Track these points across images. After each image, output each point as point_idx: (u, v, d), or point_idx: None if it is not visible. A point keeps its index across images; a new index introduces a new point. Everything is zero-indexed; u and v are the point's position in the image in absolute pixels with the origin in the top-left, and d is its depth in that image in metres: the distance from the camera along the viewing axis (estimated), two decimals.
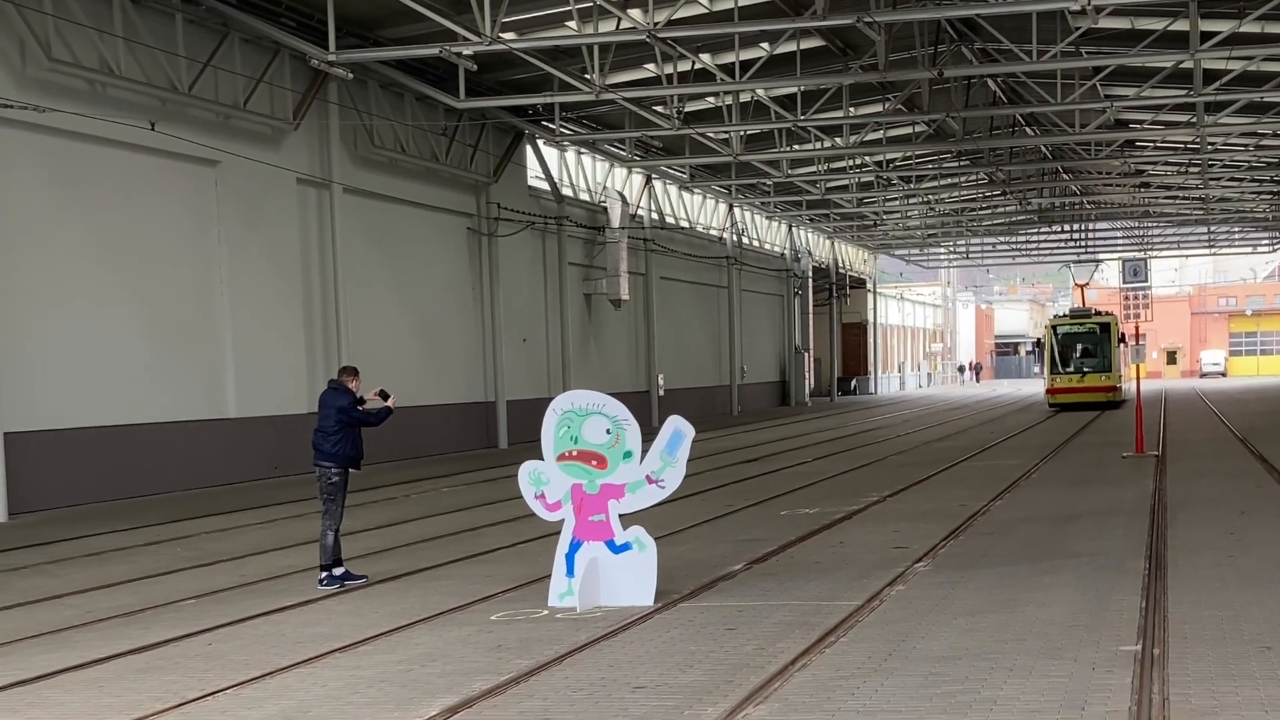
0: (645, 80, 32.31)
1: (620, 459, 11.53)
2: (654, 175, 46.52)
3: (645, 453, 11.57)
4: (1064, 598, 11.23)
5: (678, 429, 11.57)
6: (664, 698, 8.34)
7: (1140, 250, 74.24)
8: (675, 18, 24.91)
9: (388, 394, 13.76)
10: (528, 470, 11.78)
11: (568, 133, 36.69)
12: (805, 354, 65.39)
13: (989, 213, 62.94)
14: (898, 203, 57.90)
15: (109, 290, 23.19)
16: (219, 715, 8.42)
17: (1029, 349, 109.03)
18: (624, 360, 44.84)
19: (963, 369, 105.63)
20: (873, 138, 41.82)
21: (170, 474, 24.11)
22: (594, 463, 11.55)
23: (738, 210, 56.50)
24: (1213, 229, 72.39)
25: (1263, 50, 29.23)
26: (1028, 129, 43.89)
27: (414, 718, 8.08)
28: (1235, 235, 77.03)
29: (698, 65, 28.96)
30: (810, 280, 66.75)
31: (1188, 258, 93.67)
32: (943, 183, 53.25)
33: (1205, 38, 26.78)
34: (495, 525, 18.03)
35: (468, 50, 24.57)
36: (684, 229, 50.67)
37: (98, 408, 22.79)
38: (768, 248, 62.32)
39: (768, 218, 61.66)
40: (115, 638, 11.04)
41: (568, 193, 40.53)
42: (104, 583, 14.21)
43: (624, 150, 41.67)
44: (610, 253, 41.67)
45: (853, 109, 36.30)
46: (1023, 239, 75.25)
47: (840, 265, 73.98)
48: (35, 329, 21.60)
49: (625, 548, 11.59)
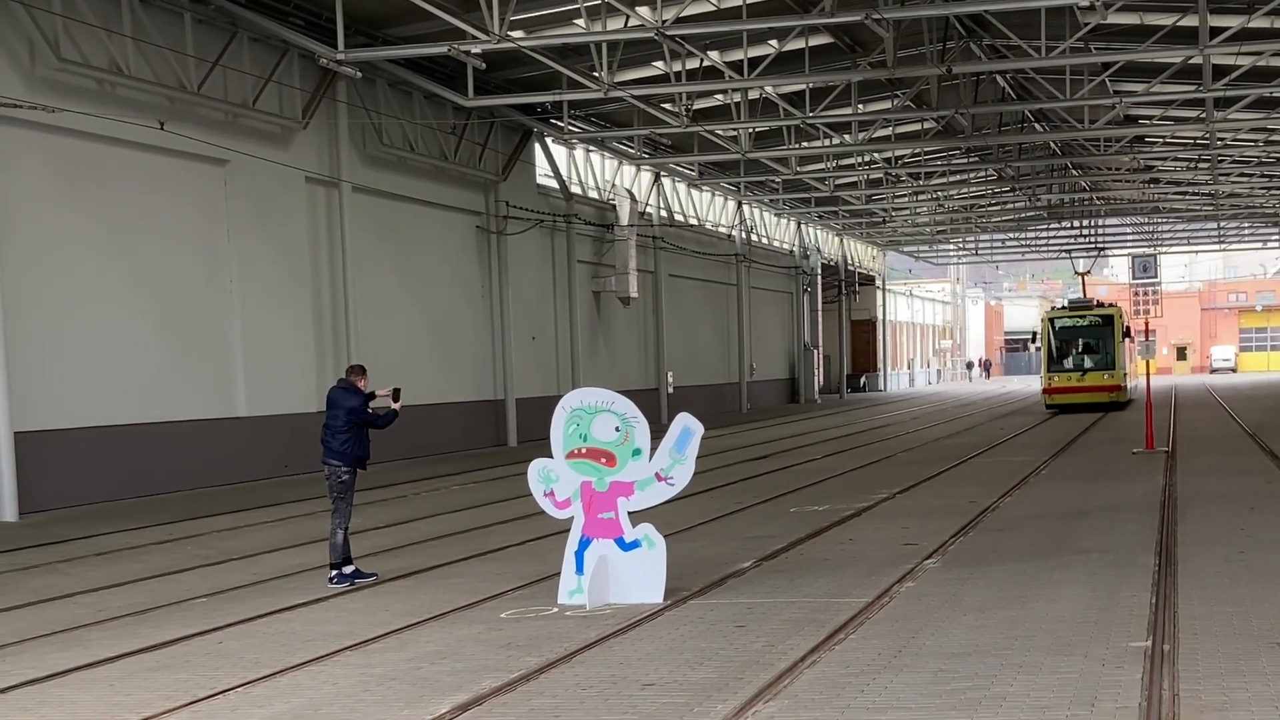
0: (654, 78, 32.30)
1: (629, 456, 11.54)
2: (662, 173, 46.50)
3: (654, 450, 11.58)
4: (1074, 594, 11.22)
5: (687, 426, 11.58)
6: (673, 695, 8.35)
7: (1150, 246, 74.12)
8: (683, 15, 24.91)
9: (399, 393, 13.81)
10: (537, 468, 11.80)
11: (576, 130, 36.70)
12: (814, 351, 65.37)
13: (998, 209, 62.86)
14: (907, 199, 57.82)
15: (119, 289, 23.23)
16: (230, 713, 8.44)
17: (1036, 345, 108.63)
18: (633, 358, 44.84)
19: (970, 365, 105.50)
20: (881, 134, 41.78)
21: (181, 472, 24.15)
22: (603, 460, 11.57)
23: (746, 207, 56.48)
24: (1222, 224, 72.21)
25: (1272, 45, 29.15)
26: (1037, 125, 43.83)
27: (424, 715, 8.10)
28: (1245, 231, 76.81)
29: (706, 63, 28.96)
30: (819, 277, 66.72)
31: (1198, 253, 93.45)
32: (952, 179, 53.17)
33: (1214, 33, 26.73)
34: (505, 523, 18.05)
35: (476, 49, 24.58)
36: (693, 226, 50.66)
37: (108, 407, 22.84)
38: (776, 245, 62.28)
39: (776, 215, 61.63)
40: (126, 636, 11.07)
41: (576, 190, 40.53)
42: (115, 581, 14.25)
43: (632, 148, 41.66)
44: (619, 250, 41.67)
45: (861, 106, 36.28)
46: (1032, 235, 75.14)
47: (849, 262, 73.94)
48: (46, 328, 21.64)
49: (634, 545, 11.61)
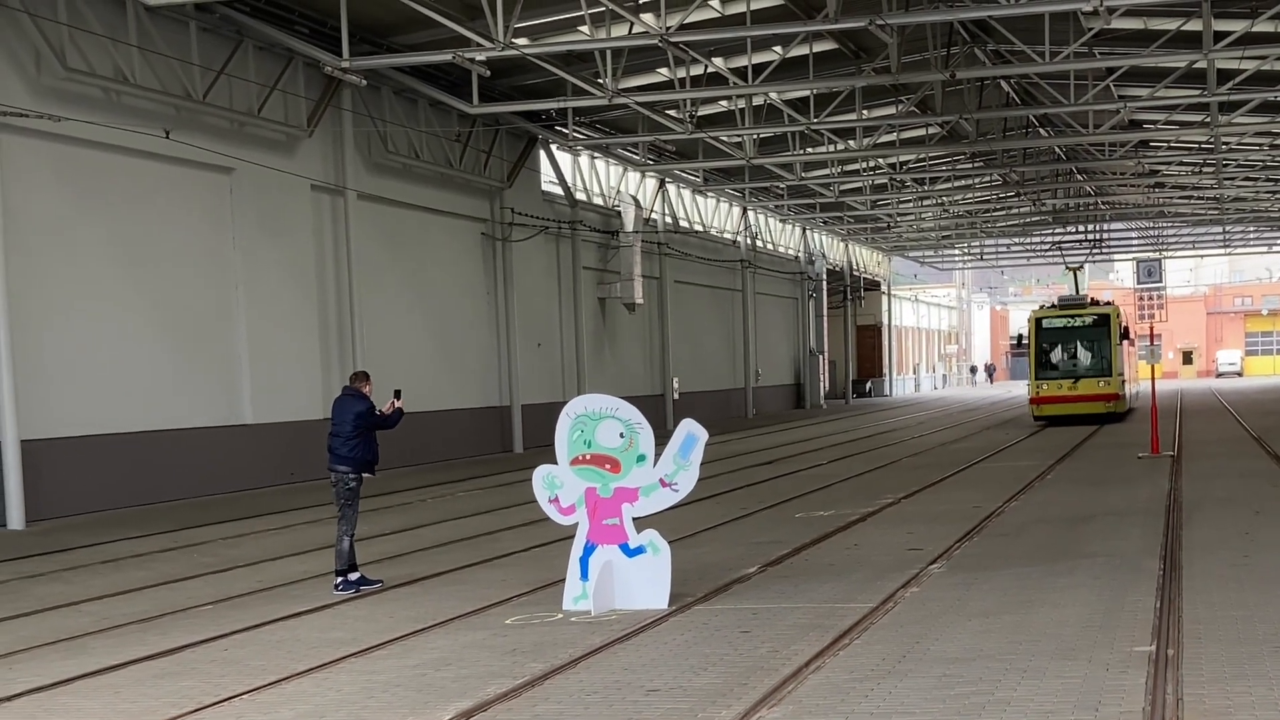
0: (658, 84, 32.34)
1: (634, 462, 11.56)
2: (667, 179, 46.53)
3: (659, 456, 11.60)
4: (1079, 598, 11.23)
5: (691, 432, 11.60)
6: (678, 701, 8.36)
7: (1155, 251, 74.04)
8: (687, 22, 24.93)
9: (400, 393, 13.88)
10: (541, 474, 11.83)
11: (581, 137, 36.74)
12: (820, 356, 65.34)
13: (1003, 214, 62.83)
14: (911, 205, 57.82)
15: (125, 297, 23.27)
16: None
17: (1021, 348, 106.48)
18: (639, 364, 44.85)
19: (974, 370, 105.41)
20: (886, 140, 41.79)
21: (187, 480, 24.17)
22: (607, 466, 11.59)
23: (751, 213, 56.50)
24: (1228, 229, 72.13)
25: (1276, 50, 29.16)
26: (1041, 130, 43.82)
27: None
28: (1250, 235, 76.73)
29: (710, 69, 28.98)
30: (824, 283, 66.69)
31: (1203, 258, 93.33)
32: (956, 184, 53.15)
33: (1219, 37, 26.72)
34: (510, 529, 18.07)
35: (481, 56, 24.62)
36: (698, 232, 50.67)
37: (114, 414, 22.86)
38: (782, 251, 62.29)
39: (781, 220, 61.65)
40: (132, 644, 11.10)
41: (581, 197, 40.57)
42: (121, 589, 14.28)
43: (637, 154, 41.69)
44: (624, 257, 41.70)
45: (866, 111, 36.27)
46: (1037, 240, 75.09)
47: (854, 267, 73.91)
48: (52, 336, 21.68)
49: (639, 551, 11.62)
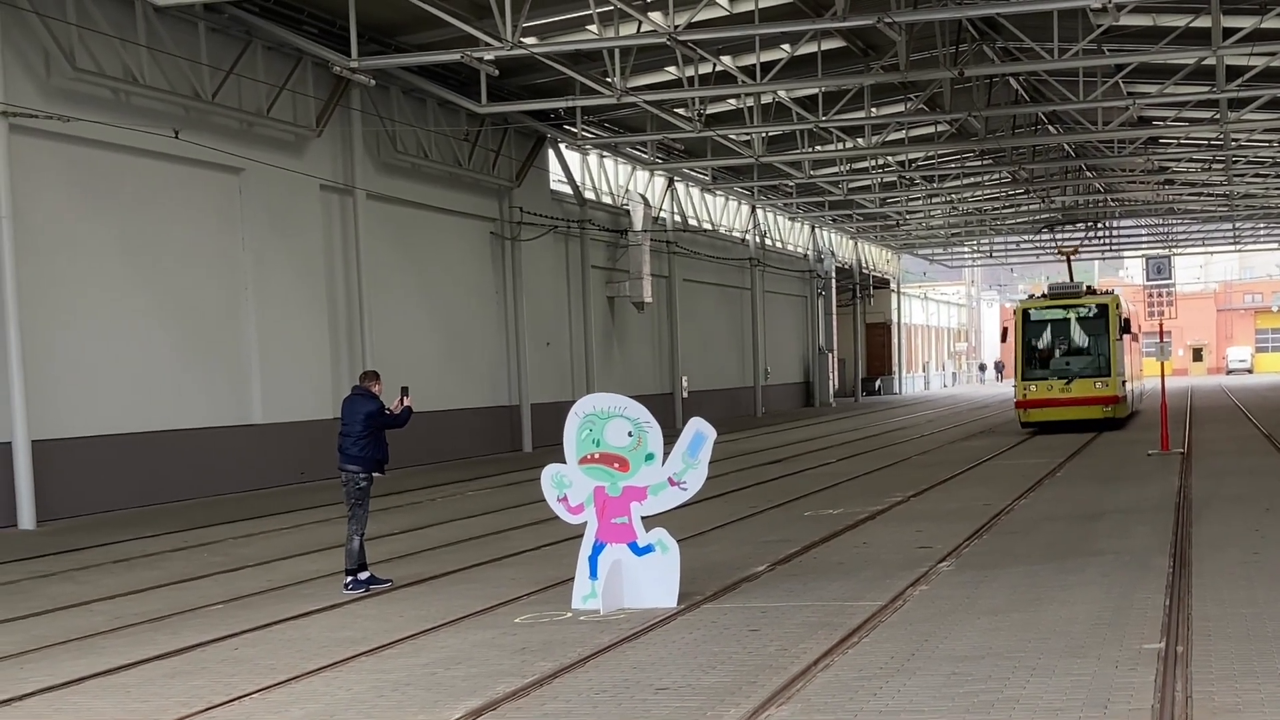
0: (666, 83, 32.34)
1: (642, 461, 11.57)
2: (676, 177, 46.53)
3: (667, 455, 11.61)
4: (1088, 596, 11.22)
5: (699, 431, 11.61)
6: (687, 699, 8.37)
7: (1165, 247, 73.90)
8: (696, 20, 24.93)
9: (407, 390, 13.90)
10: (550, 473, 11.85)
11: (589, 136, 36.75)
12: (829, 355, 65.31)
13: (1012, 211, 62.76)
14: (920, 202, 57.76)
15: (135, 298, 23.33)
16: None
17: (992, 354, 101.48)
18: (648, 363, 44.86)
19: (983, 367, 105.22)
20: (895, 138, 41.75)
21: (197, 480, 24.23)
22: (616, 465, 11.60)
23: (760, 211, 56.49)
24: (1238, 225, 72.02)
25: None
26: (1050, 127, 43.78)
27: None
28: (1261, 231, 76.55)
29: (719, 67, 28.97)
30: (834, 281, 66.66)
31: (1213, 254, 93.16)
32: (965, 182, 53.11)
33: (1227, 34, 26.69)
34: (519, 528, 18.10)
35: (489, 55, 24.65)
36: (706, 231, 50.68)
37: (125, 415, 22.93)
38: (791, 249, 62.27)
39: (790, 219, 61.62)
40: (143, 643, 11.13)
41: (590, 196, 40.58)
42: (132, 589, 14.32)
43: (646, 153, 41.70)
44: (633, 255, 41.70)
45: (874, 109, 36.25)
46: (1046, 237, 74.94)
47: (864, 265, 73.87)
48: (62, 337, 21.74)
49: (648, 550, 11.64)
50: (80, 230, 22.20)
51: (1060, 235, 62.98)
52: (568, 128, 35.78)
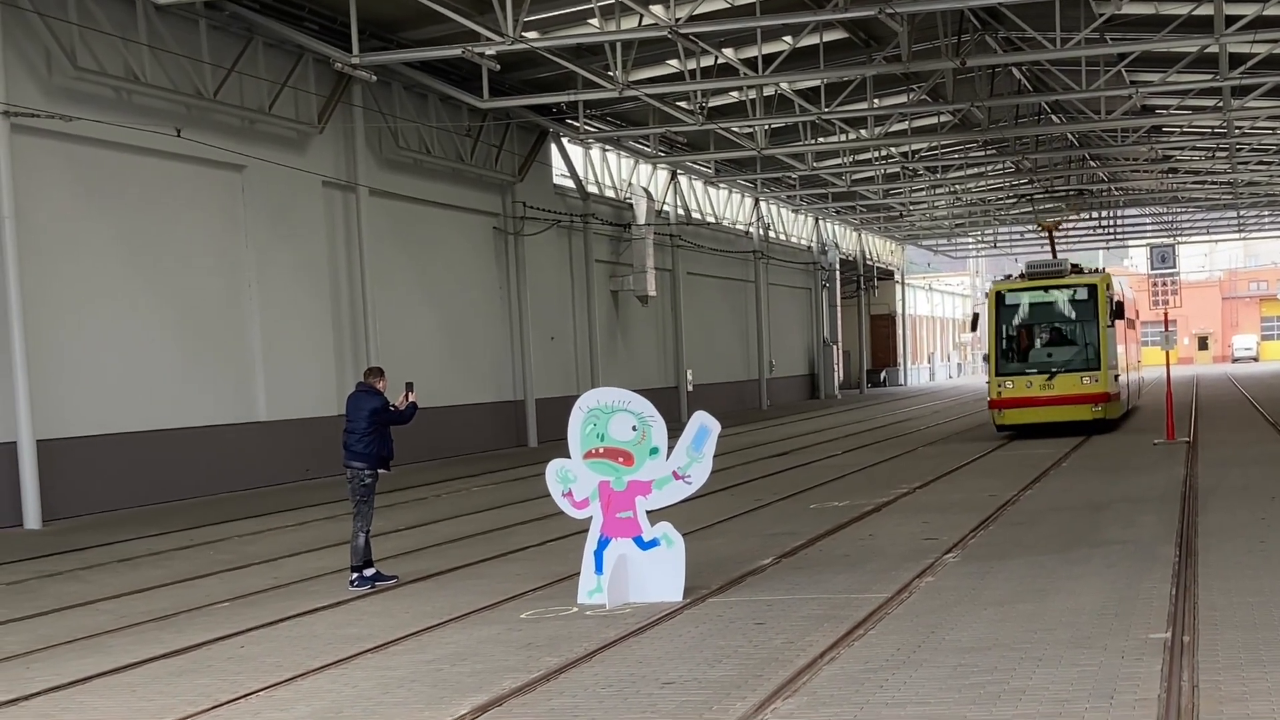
0: (668, 76, 32.29)
1: (647, 455, 11.56)
2: (679, 171, 46.50)
3: (672, 449, 11.60)
4: (1094, 586, 11.21)
5: (704, 424, 11.60)
6: (693, 693, 8.36)
7: (1169, 236, 73.78)
8: (697, 13, 24.91)
9: (412, 386, 13.88)
10: (555, 468, 11.84)
11: (592, 130, 36.72)
12: (834, 347, 65.26)
13: (1016, 201, 62.69)
14: (924, 193, 57.69)
15: (139, 296, 23.33)
16: (251, 717, 8.48)
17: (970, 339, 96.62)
18: (652, 356, 44.84)
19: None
20: (898, 129, 41.68)
21: (202, 478, 24.23)
22: (621, 460, 11.59)
23: (763, 204, 56.43)
24: (1242, 213, 71.93)
25: None
26: (1053, 117, 43.69)
27: (444, 717, 8.13)
28: (1265, 219, 76.49)
29: (720, 60, 28.97)
30: (838, 273, 66.60)
31: (1217, 243, 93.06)
32: (969, 172, 53.04)
33: (1230, 21, 26.62)
34: (524, 524, 18.10)
35: (490, 50, 24.62)
36: (710, 224, 50.65)
37: (129, 413, 22.93)
38: (794, 241, 62.22)
39: (794, 211, 61.56)
40: (149, 642, 11.13)
41: (593, 190, 40.56)
42: (137, 587, 14.32)
43: (648, 146, 41.66)
44: (636, 249, 41.67)
45: (877, 100, 36.22)
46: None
47: (867, 257, 73.80)
48: (66, 336, 21.74)
49: (653, 544, 11.63)
50: (83, 229, 22.20)
51: (1043, 208, 57.50)
52: (570, 122, 35.76)
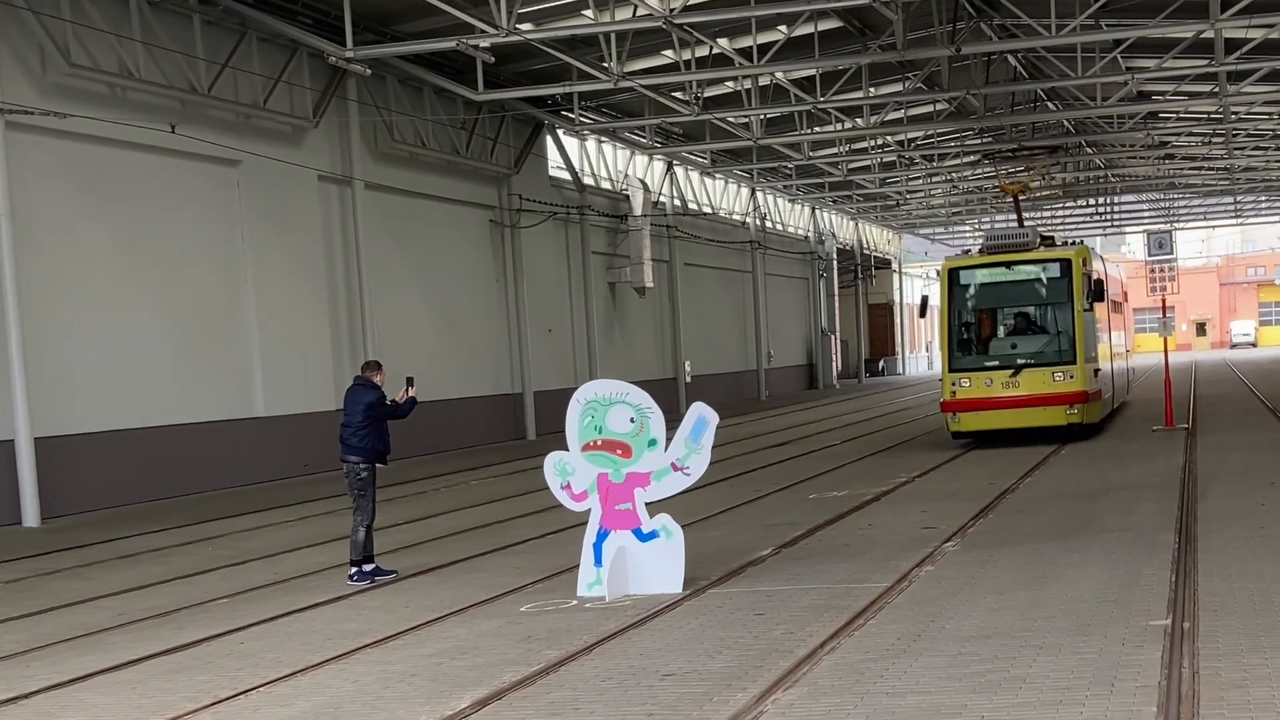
0: (663, 67, 32.23)
1: (645, 447, 11.55)
2: (675, 162, 46.45)
3: (670, 440, 11.59)
4: (1094, 574, 11.20)
5: (702, 415, 11.59)
6: (693, 685, 8.36)
7: (1166, 222, 73.78)
8: (691, 3, 24.86)
9: (412, 381, 13.83)
10: (553, 461, 11.84)
11: (587, 122, 36.66)
12: (832, 336, 65.25)
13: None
14: (920, 182, 57.65)
15: (135, 293, 23.29)
16: (252, 713, 8.48)
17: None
18: (650, 348, 44.83)
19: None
20: (893, 117, 41.61)
21: (201, 474, 24.22)
22: (619, 452, 11.58)
23: (760, 194, 56.39)
24: (1239, 199, 71.90)
25: None
26: (1049, 104, 43.62)
27: (445, 711, 8.12)
28: (1262, 204, 76.47)
29: (715, 50, 28.88)
30: (835, 262, 66.58)
31: (1215, 228, 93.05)
32: (965, 160, 53.00)
33: (1225, 6, 26.55)
34: (524, 517, 18.10)
35: (485, 42, 24.58)
36: (707, 214, 50.60)
37: (127, 410, 22.91)
38: (791, 231, 62.18)
39: (790, 200, 61.51)
40: (148, 639, 11.12)
41: (589, 182, 40.51)
42: (137, 584, 14.32)
43: (644, 138, 41.60)
44: (633, 241, 41.64)
45: (872, 89, 36.16)
46: (1048, 214, 74.84)
47: (865, 246, 73.77)
48: (62, 334, 21.71)
49: (652, 536, 11.62)
50: (79, 226, 22.16)
51: (1006, 169, 47.44)
52: (565, 114, 35.69)
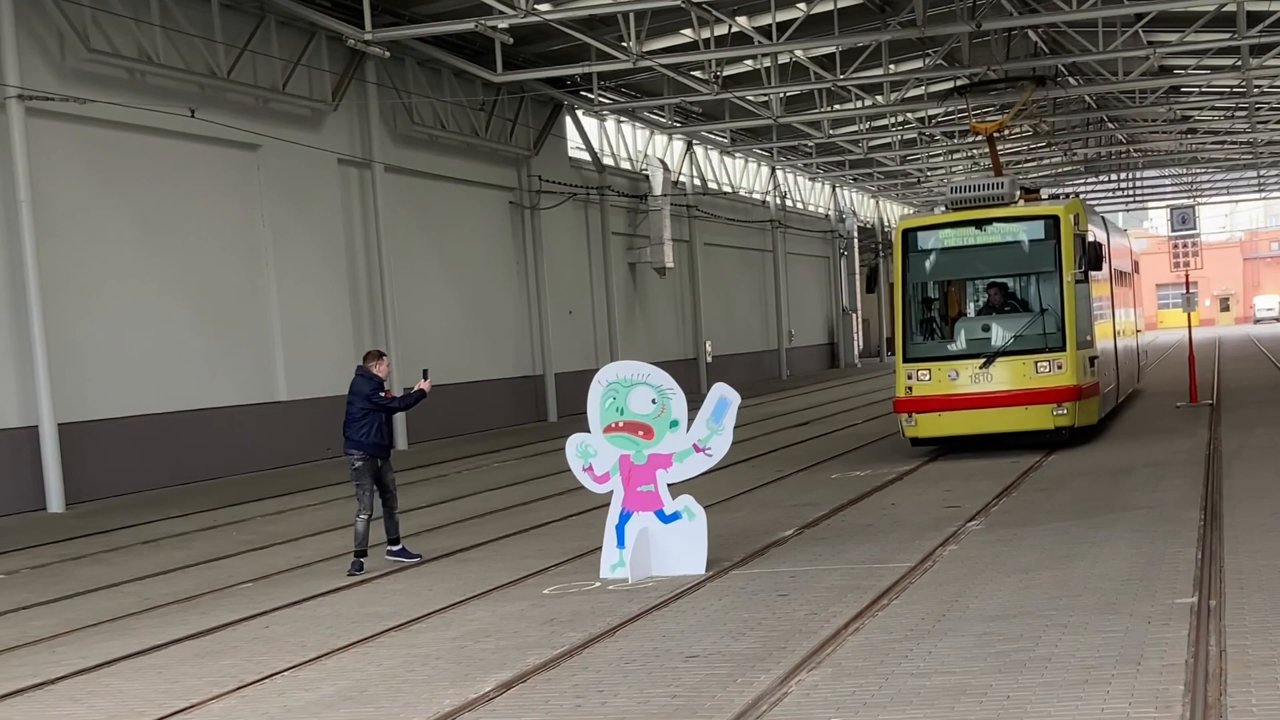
0: (682, 46, 32.12)
1: (667, 428, 11.54)
2: (694, 141, 46.33)
3: (692, 421, 11.57)
4: (1119, 552, 11.15)
5: (723, 396, 11.57)
6: (717, 666, 8.34)
7: (1189, 197, 73.34)
8: None
9: (428, 373, 13.63)
10: (575, 443, 11.82)
11: (606, 102, 36.57)
12: (853, 315, 65.08)
13: (1034, 165, 62.33)
14: (941, 159, 57.41)
15: (156, 278, 23.34)
16: (277, 697, 8.50)
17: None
18: (671, 328, 44.78)
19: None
20: (914, 94, 41.45)
21: (224, 458, 24.28)
22: (641, 433, 11.56)
23: (780, 173, 56.22)
24: (1262, 173, 71.43)
25: None
26: (1071, 79, 43.38)
27: (469, 694, 8.13)
28: None
29: (734, 28, 28.78)
30: (856, 240, 66.37)
31: (1238, 203, 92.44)
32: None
33: None
34: (546, 499, 18.10)
35: (503, 23, 24.55)
36: (726, 194, 50.49)
37: (149, 395, 22.97)
38: (811, 209, 61.99)
39: (810, 179, 61.32)
40: (174, 623, 11.17)
41: (609, 162, 40.43)
42: (161, 569, 14.37)
43: (664, 117, 41.49)
44: (653, 221, 41.56)
45: (892, 66, 36.00)
46: (1070, 190, 74.48)
47: (886, 224, 73.53)
48: (85, 320, 21.77)
49: (675, 517, 11.61)
50: (100, 212, 22.21)
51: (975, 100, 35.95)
52: (584, 94, 35.62)
